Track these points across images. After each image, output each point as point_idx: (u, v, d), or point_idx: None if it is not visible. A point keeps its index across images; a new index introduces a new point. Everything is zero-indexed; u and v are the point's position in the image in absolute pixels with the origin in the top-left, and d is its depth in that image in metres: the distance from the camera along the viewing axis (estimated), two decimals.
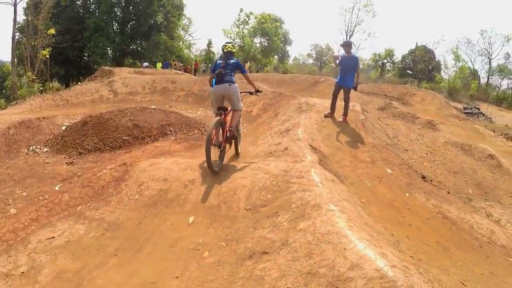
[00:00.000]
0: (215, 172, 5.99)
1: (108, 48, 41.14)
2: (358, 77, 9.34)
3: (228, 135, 6.44)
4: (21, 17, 29.67)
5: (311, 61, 71.94)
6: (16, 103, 15.06)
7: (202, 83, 17.54)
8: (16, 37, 36.57)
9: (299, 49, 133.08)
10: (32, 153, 9.05)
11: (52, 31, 24.98)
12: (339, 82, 9.41)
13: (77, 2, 43.26)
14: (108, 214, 5.50)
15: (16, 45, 25.08)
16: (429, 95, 26.45)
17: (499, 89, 48.37)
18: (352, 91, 9.54)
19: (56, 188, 6.53)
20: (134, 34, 42.96)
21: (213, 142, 5.90)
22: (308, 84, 20.88)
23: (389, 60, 55.71)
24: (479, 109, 28.40)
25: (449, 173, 9.47)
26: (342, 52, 9.74)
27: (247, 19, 49.27)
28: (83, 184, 6.14)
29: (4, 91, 49.77)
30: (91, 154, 8.47)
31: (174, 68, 32.76)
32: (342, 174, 6.88)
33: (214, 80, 6.63)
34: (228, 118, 6.69)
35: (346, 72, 9.21)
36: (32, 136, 9.89)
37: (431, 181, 8.30)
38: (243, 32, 49.11)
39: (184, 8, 47.71)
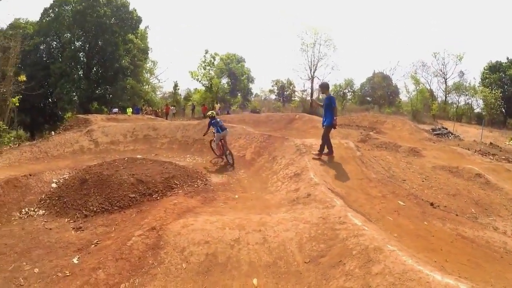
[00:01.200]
0: None
1: (74, 94, 40.27)
2: (336, 115, 9.51)
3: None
4: None
5: (273, 96, 73.04)
6: None
7: (185, 129, 17.29)
8: None
9: (260, 85, 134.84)
10: (26, 216, 8.25)
11: (23, 77, 24.14)
12: (323, 122, 9.83)
13: (41, 47, 42.51)
14: None
15: None
16: (399, 121, 27.36)
17: (457, 106, 50.71)
18: (330, 129, 9.71)
19: (75, 261, 5.89)
20: (100, 79, 42.55)
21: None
22: (284, 122, 20.87)
23: (349, 89, 57.79)
24: (446, 128, 29.45)
25: (449, 197, 9.61)
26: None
27: (213, 60, 49.49)
28: (115, 257, 5.47)
29: None
30: (99, 216, 7.85)
31: (145, 113, 32.34)
32: (364, 212, 6.91)
33: (219, 128, 12.28)
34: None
35: (326, 111, 9.63)
36: (22, 196, 8.99)
37: (439, 206, 8.46)
38: (209, 73, 49.36)
39: (149, 51, 47.89)
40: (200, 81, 49.43)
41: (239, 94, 57.70)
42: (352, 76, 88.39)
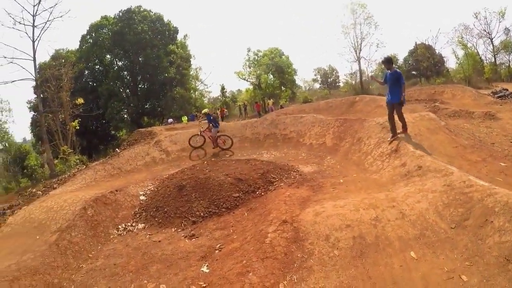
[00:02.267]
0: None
1: (125, 111, 41.15)
2: (404, 91, 8.69)
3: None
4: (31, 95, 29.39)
5: (317, 85, 71.74)
6: (63, 180, 13.97)
7: (253, 126, 17.06)
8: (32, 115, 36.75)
9: (301, 76, 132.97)
10: (125, 232, 7.79)
11: (80, 100, 24.68)
12: (388, 100, 9.03)
13: (85, 73, 43.57)
14: (327, 281, 4.60)
15: (36, 122, 24.77)
16: (458, 89, 25.87)
17: (509, 65, 47.46)
18: (401, 106, 9.02)
19: (205, 269, 5.51)
20: (147, 94, 42.88)
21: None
22: (346, 106, 20.29)
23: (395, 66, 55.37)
24: (507, 89, 27.51)
25: None
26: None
27: (256, 57, 48.98)
28: (259, 257, 5.06)
29: (25, 170, 50.15)
30: (209, 220, 7.59)
31: (201, 119, 32.31)
32: (475, 176, 6.59)
33: (216, 123, 14.88)
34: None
35: (392, 88, 8.81)
36: (115, 213, 8.56)
37: None
38: (256, 71, 48.81)
39: (191, 59, 47.93)
40: (247, 80, 49.39)
41: (287, 87, 56.23)
42: (394, 51, 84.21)
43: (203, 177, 8.83)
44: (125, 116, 41.97)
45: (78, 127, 24.87)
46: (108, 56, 44.32)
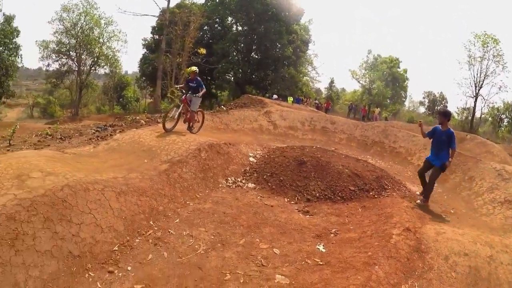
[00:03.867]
0: None
1: (232, 74, 41.78)
2: (452, 157, 7.30)
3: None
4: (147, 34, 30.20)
5: (422, 109, 67.77)
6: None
7: (364, 129, 16.73)
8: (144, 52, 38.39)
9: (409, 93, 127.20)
10: (234, 186, 7.69)
11: (203, 50, 25.10)
12: (431, 158, 7.59)
13: (204, 28, 44.59)
14: None
15: (146, 59, 25.43)
16: None
17: None
18: (440, 172, 7.56)
19: (321, 248, 5.26)
20: (258, 65, 42.96)
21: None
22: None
23: (507, 114, 49.85)
24: None
25: None
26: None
27: (375, 62, 47.58)
28: (385, 254, 4.85)
29: (120, 99, 53.37)
30: (322, 203, 7.28)
31: (306, 104, 31.90)
32: None
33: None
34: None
35: (440, 148, 7.40)
36: (226, 164, 8.49)
37: None
38: (371, 75, 47.48)
39: (310, 43, 47.27)
40: (359, 81, 48.18)
41: (396, 100, 53.48)
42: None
43: (325, 160, 8.58)
44: (232, 79, 42.45)
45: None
46: (230, 18, 45.00)
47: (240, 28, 44.76)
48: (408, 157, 14.06)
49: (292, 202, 7.21)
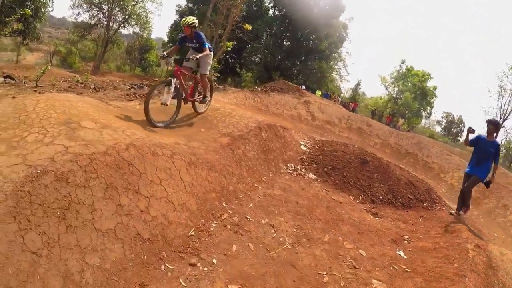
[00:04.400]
0: None
1: (260, 56, 41.26)
2: (496, 171, 6.87)
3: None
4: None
5: (438, 128, 67.14)
6: None
7: (399, 137, 16.80)
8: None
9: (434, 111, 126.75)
10: (295, 174, 7.38)
11: (248, 26, 24.58)
12: (471, 171, 7.00)
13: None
14: None
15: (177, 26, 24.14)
16: None
17: None
18: (478, 182, 7.07)
19: (401, 254, 5.18)
20: (289, 52, 42.37)
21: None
22: None
23: None
24: None
25: None
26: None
27: (407, 73, 47.28)
28: (467, 267, 4.72)
29: (142, 61, 52.81)
30: (385, 207, 7.18)
31: (333, 101, 31.63)
32: None
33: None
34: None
35: (482, 159, 6.87)
36: (283, 148, 8.09)
37: None
38: (400, 85, 47.29)
39: (345, 41, 46.69)
40: (387, 89, 47.86)
41: (419, 115, 52.76)
42: None
43: (386, 163, 8.55)
44: (260, 61, 41.99)
45: (229, 49, 24.92)
46: (267, 0, 44.41)
47: (277, 12, 44.12)
48: (441, 173, 14.13)
49: (358, 201, 7.03)
